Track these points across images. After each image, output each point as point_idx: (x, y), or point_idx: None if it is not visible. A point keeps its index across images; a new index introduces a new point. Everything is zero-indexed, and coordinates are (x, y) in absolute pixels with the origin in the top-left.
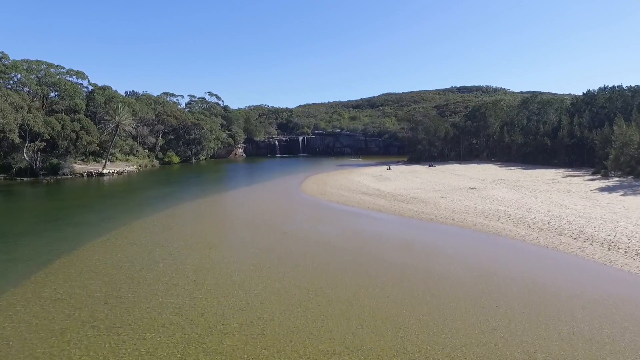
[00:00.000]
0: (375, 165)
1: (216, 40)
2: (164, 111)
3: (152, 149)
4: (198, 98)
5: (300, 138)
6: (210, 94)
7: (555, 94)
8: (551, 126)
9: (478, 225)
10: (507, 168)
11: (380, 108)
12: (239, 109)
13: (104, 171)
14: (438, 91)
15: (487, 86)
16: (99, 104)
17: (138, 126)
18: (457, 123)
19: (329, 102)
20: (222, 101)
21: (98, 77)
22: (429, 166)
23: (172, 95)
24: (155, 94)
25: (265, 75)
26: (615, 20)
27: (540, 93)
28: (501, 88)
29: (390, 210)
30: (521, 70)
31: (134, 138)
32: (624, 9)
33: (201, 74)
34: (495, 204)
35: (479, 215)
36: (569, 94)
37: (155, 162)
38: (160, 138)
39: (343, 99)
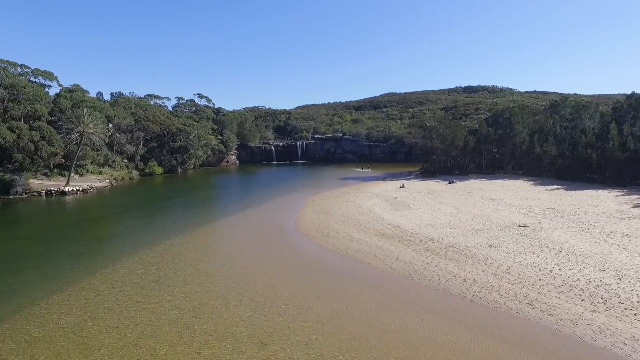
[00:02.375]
0: (384, 178)
1: (211, 39)
2: (144, 116)
3: (132, 158)
4: (186, 100)
5: (299, 143)
6: (200, 95)
7: (561, 93)
8: (593, 135)
9: (581, 324)
10: (545, 187)
11: (384, 110)
12: (233, 111)
13: (67, 189)
14: (443, 91)
15: (494, 86)
16: (64, 109)
17: (115, 134)
18: (477, 130)
19: (329, 103)
20: (213, 103)
21: (90, 78)
22: (449, 183)
23: (157, 97)
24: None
25: (263, 75)
26: (616, 19)
27: (546, 93)
28: (508, 88)
29: (425, 275)
30: (526, 69)
31: (110, 147)
32: (622, 7)
33: (193, 73)
34: (575, 263)
35: (567, 293)
36: (574, 94)
37: (135, 173)
38: (140, 146)
39: (344, 100)
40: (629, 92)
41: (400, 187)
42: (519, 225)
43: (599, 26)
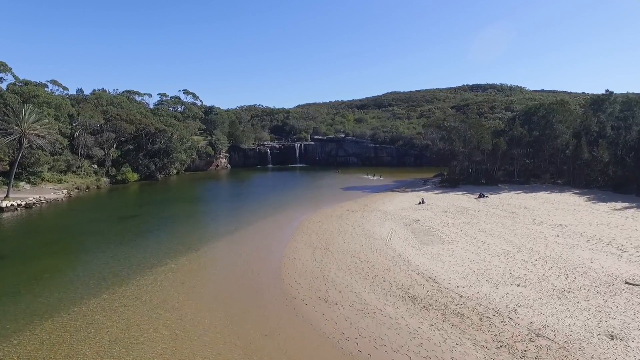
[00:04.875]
0: (396, 188)
1: (213, 40)
2: (117, 114)
3: (103, 163)
4: (170, 97)
5: (297, 145)
6: (186, 92)
7: (570, 92)
8: None
9: None
10: (607, 204)
11: (389, 109)
12: (227, 110)
13: (4, 204)
14: (449, 89)
15: (502, 84)
16: (10, 105)
17: (81, 134)
18: (505, 130)
19: (330, 102)
20: (201, 100)
21: (85, 78)
22: (479, 197)
23: (137, 93)
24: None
25: (261, 74)
26: (623, 23)
27: (555, 92)
28: (517, 86)
29: None
30: (532, 68)
31: (75, 150)
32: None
33: (190, 71)
34: None
35: None
36: (583, 93)
37: (104, 181)
38: (113, 149)
39: (346, 99)
40: (638, 91)
41: (420, 203)
42: (627, 282)
43: (603, 26)
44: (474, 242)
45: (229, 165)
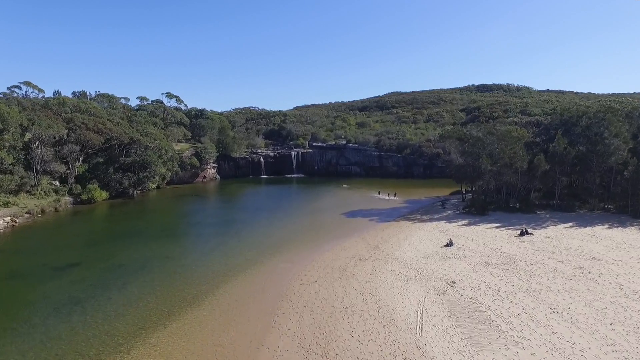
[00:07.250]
0: (409, 214)
1: (206, 35)
2: (82, 123)
3: (67, 180)
4: (152, 102)
5: (294, 153)
6: (170, 95)
7: (577, 92)
8: None
9: None
10: None
11: (392, 111)
12: (221, 113)
13: None
14: (454, 90)
15: (509, 84)
16: None
17: (38, 147)
18: (540, 143)
19: (330, 103)
20: (185, 105)
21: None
22: (521, 234)
23: (113, 97)
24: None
25: (259, 74)
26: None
27: (562, 92)
28: (525, 86)
29: None
30: (535, 67)
31: (28, 165)
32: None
33: (182, 70)
34: None
35: None
36: (589, 93)
37: (65, 201)
38: (79, 163)
39: (346, 99)
40: None
41: (447, 245)
42: None
43: (603, 26)
44: (555, 344)
45: (218, 176)
